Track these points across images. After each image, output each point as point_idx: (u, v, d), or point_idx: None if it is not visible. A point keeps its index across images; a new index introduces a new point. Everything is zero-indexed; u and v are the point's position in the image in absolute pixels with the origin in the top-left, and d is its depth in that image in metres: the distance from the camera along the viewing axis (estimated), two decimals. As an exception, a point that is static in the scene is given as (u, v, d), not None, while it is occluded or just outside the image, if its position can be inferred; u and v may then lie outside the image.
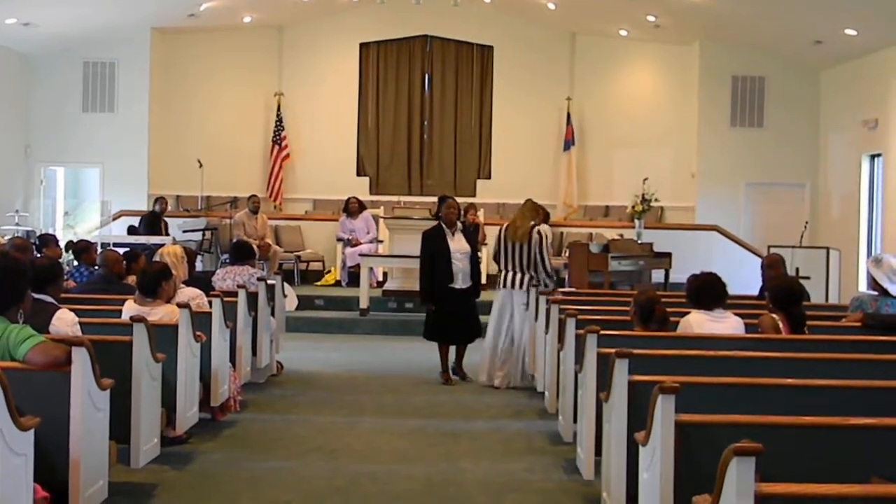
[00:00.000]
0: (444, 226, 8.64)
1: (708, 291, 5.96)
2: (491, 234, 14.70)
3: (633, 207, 14.83)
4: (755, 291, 8.45)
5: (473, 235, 8.92)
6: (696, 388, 4.27)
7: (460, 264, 8.54)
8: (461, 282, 8.57)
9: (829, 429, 3.72)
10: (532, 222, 8.61)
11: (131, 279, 7.45)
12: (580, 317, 6.42)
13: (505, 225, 8.75)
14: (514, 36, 17.13)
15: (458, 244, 8.58)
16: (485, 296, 9.20)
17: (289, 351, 9.70)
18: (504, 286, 8.56)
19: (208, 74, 16.79)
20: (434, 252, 8.55)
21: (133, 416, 5.28)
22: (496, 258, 8.71)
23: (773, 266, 8.03)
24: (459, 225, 8.79)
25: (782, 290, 6.01)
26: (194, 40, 16.69)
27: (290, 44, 17.11)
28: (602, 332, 5.52)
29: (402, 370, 9.45)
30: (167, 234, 13.31)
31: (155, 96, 16.15)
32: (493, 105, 17.32)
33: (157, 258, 7.16)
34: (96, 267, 8.28)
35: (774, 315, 5.93)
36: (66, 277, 8.56)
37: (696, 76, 16.23)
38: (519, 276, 8.51)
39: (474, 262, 8.70)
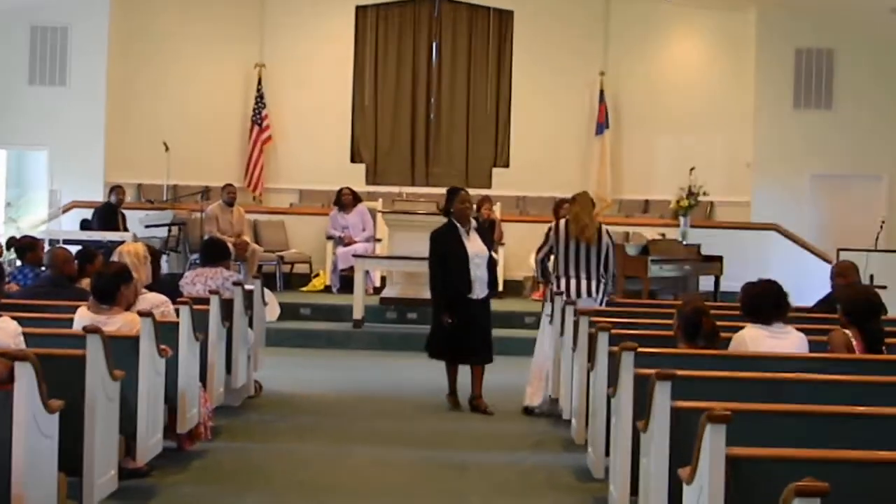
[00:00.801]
0: (456, 223, 8.52)
1: (766, 302, 5.94)
2: (509, 231, 14.80)
3: (678, 202, 14.82)
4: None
5: (488, 234, 8.87)
6: (750, 416, 4.26)
7: (478, 270, 8.39)
8: (479, 290, 8.43)
9: (909, 466, 3.70)
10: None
11: (85, 282, 7.46)
12: (614, 331, 6.40)
13: (564, 222, 8.56)
14: (537, -1, 17.15)
15: (475, 246, 8.44)
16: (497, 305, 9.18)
17: (269, 369, 9.70)
18: (570, 294, 8.39)
19: (177, 42, 16.81)
20: (447, 255, 8.41)
21: (86, 443, 5.29)
22: (544, 262, 8.61)
23: (844, 273, 8.02)
24: (474, 223, 8.68)
25: (858, 301, 5.98)
26: (161, 2, 16.74)
27: (274, 6, 17.14)
28: (640, 349, 5.51)
29: (401, 392, 9.44)
30: (125, 230, 13.34)
31: (114, 68, 16.19)
32: (511, 80, 17.31)
33: (114, 258, 7.16)
34: (43, 268, 8.30)
35: (847, 331, 5.91)
36: (7, 280, 8.61)
37: (753, 48, 16.21)
38: (587, 282, 8.42)
39: (492, 266, 8.61)
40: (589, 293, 8.42)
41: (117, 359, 5.58)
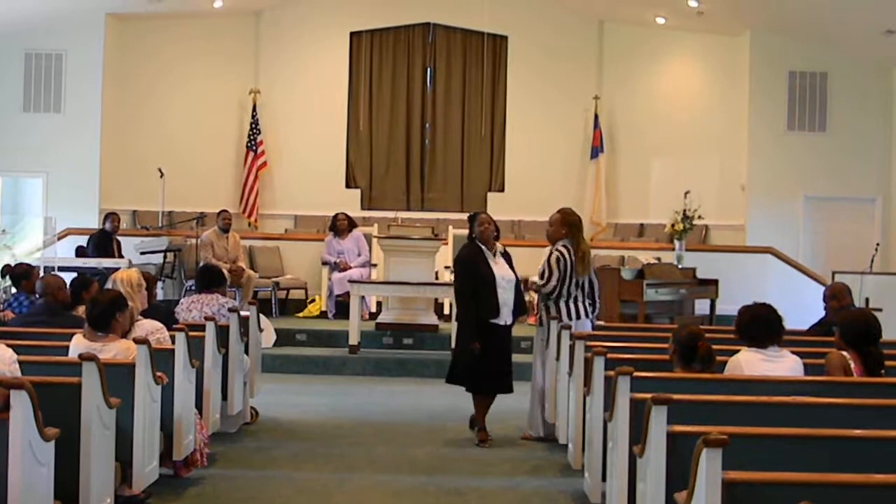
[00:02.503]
0: (481, 246, 8.32)
1: (761, 326, 5.95)
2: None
3: (673, 226, 14.85)
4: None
5: (510, 260, 8.62)
6: (747, 440, 4.27)
7: (506, 295, 8.23)
8: (506, 315, 8.27)
9: (906, 489, 3.71)
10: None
11: (80, 310, 7.46)
12: (610, 355, 6.40)
13: (565, 250, 8.49)
14: (531, 24, 17.23)
15: (502, 269, 8.28)
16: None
17: (265, 395, 9.69)
18: (570, 316, 8.35)
19: (172, 69, 16.89)
20: (476, 278, 8.21)
21: (82, 471, 5.27)
22: (556, 286, 8.43)
23: (837, 296, 8.03)
24: (500, 247, 8.47)
25: (857, 324, 5.97)
26: (156, 28, 16.81)
27: (269, 32, 17.23)
28: (636, 373, 5.52)
29: (398, 417, 9.42)
30: (121, 256, 13.34)
31: (109, 94, 16.24)
32: (506, 105, 17.40)
33: (109, 285, 7.16)
34: (38, 295, 8.30)
35: (845, 353, 5.91)
36: (2, 307, 8.61)
37: (747, 72, 16.29)
38: (583, 304, 8.43)
39: (519, 292, 8.41)
40: (587, 314, 8.44)
41: (113, 386, 5.57)
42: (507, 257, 8.48)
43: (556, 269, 8.36)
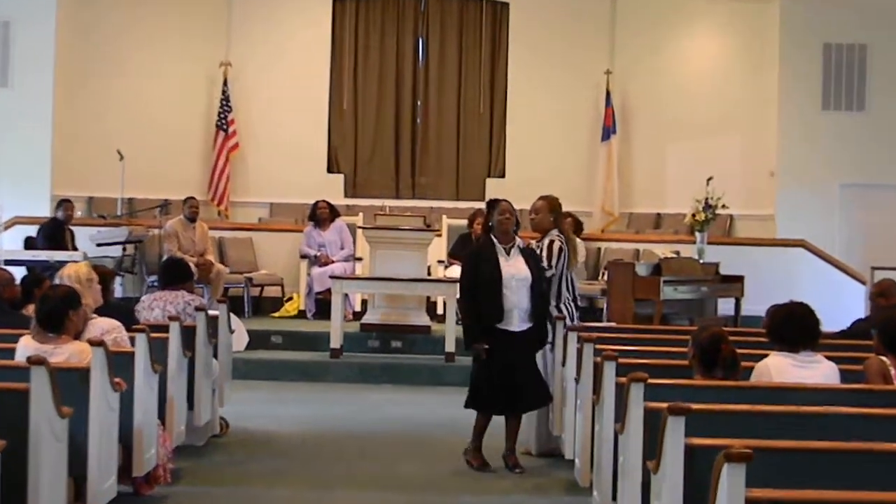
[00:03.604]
0: (494, 240, 8.13)
1: (793, 327, 5.97)
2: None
3: (693, 216, 14.84)
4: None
5: (534, 257, 8.25)
6: (773, 454, 4.28)
7: (514, 297, 7.91)
8: (516, 322, 7.97)
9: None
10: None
11: (30, 309, 7.44)
12: (622, 360, 6.42)
13: (563, 241, 8.54)
14: (536, -11, 17.24)
15: (513, 267, 7.98)
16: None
17: (236, 404, 9.68)
18: (573, 318, 8.55)
19: (133, 39, 16.84)
20: (476, 276, 8.02)
21: (30, 487, 5.27)
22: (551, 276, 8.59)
23: (886, 293, 8.05)
24: (520, 242, 8.21)
25: (897, 326, 6.01)
26: (115, -7, 16.79)
27: (241, -2, 17.23)
28: (651, 380, 5.53)
29: (386, 430, 9.43)
30: (74, 249, 13.32)
31: (62, 67, 16.19)
32: (507, 80, 17.40)
33: (57, 280, 7.15)
34: (-18, 292, 8.28)
35: (884, 358, 5.92)
36: (-58, 305, 8.58)
37: (776, 44, 16.28)
38: (573, 306, 8.65)
39: (537, 294, 8.07)
40: (579, 316, 8.54)
41: (65, 393, 5.57)
42: (530, 253, 8.22)
43: (560, 260, 8.45)
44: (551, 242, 8.49)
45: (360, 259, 14.35)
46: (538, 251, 8.44)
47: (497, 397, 7.94)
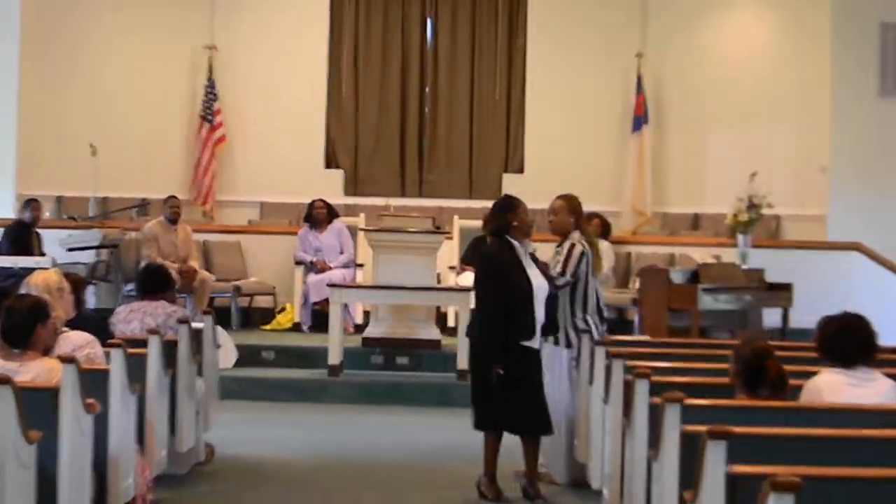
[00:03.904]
0: (513, 243, 8.09)
1: (848, 341, 5.97)
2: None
3: (736, 217, 14.83)
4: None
5: (540, 264, 8.31)
6: (825, 483, 4.27)
7: (540, 309, 8.02)
8: (538, 338, 8.10)
9: None
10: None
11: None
12: (655, 378, 6.42)
13: (586, 244, 8.63)
14: (558, -37, 17.26)
15: (537, 276, 8.06)
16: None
17: (223, 428, 9.70)
18: (599, 332, 8.59)
19: (107, 21, 16.88)
20: (509, 285, 7.96)
21: (-7, 522, 5.30)
22: (566, 284, 8.59)
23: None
24: (531, 245, 8.25)
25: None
26: (87, -31, 16.85)
27: (228, -26, 17.27)
28: (688, 400, 5.53)
29: (391, 456, 9.43)
30: (42, 254, 13.35)
31: (28, 52, 16.23)
32: (526, 64, 17.40)
33: (23, 290, 7.17)
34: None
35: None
36: None
37: (828, 23, 16.26)
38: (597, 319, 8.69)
39: (551, 306, 8.22)
40: (606, 329, 8.60)
41: (32, 416, 5.58)
42: (535, 259, 8.30)
43: (580, 266, 8.46)
44: (572, 246, 8.48)
45: (361, 265, 14.36)
46: (557, 255, 8.47)
47: (498, 413, 7.96)
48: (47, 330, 6.39)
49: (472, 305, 8.96)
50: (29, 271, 9.07)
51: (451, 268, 14.07)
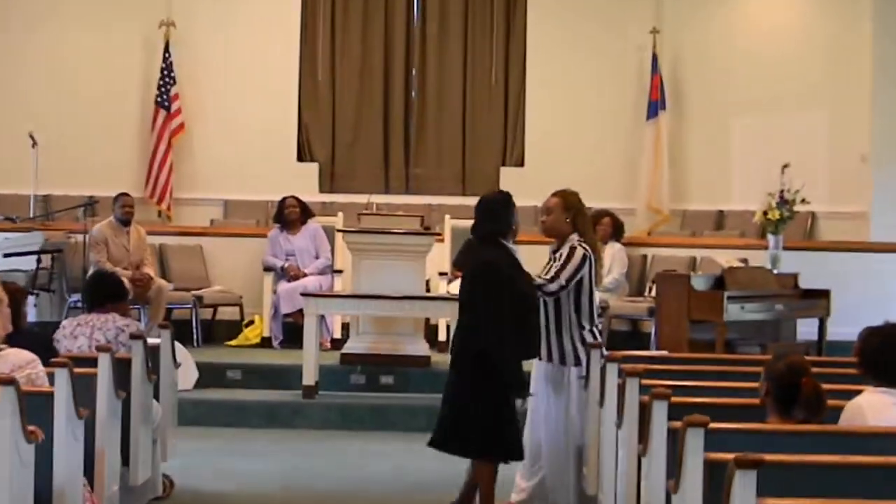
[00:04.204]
0: (512, 249, 8.20)
1: (894, 356, 5.98)
2: (525, 257, 14.70)
3: (765, 214, 14.85)
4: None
5: None
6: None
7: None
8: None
9: None
10: None
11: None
12: (675, 399, 6.42)
13: (587, 247, 8.62)
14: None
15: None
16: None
17: (184, 457, 9.71)
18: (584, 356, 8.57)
19: (49, -8, 16.94)
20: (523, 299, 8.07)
21: (-79, 566, 5.29)
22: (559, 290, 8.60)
23: None
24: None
25: None
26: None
27: (187, -60, 17.30)
28: (712, 424, 5.53)
29: (374, 489, 9.46)
30: (-25, 261, 13.36)
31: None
32: (527, 43, 17.43)
33: (-46, 303, 7.17)
34: None
35: None
36: None
37: (869, -5, 16.35)
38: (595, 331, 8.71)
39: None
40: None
41: (-34, 445, 5.59)
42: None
43: (581, 272, 8.42)
44: (572, 249, 8.45)
45: (339, 271, 14.37)
46: (555, 261, 8.45)
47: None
48: (-18, 348, 6.39)
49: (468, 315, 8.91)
50: (-39, 280, 9.06)
51: (442, 274, 14.07)
